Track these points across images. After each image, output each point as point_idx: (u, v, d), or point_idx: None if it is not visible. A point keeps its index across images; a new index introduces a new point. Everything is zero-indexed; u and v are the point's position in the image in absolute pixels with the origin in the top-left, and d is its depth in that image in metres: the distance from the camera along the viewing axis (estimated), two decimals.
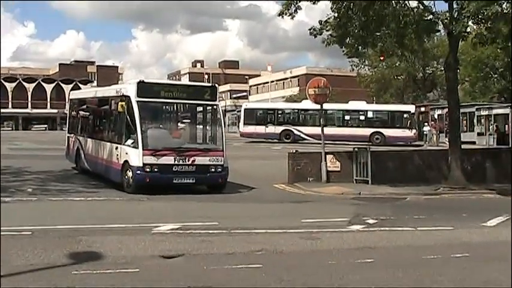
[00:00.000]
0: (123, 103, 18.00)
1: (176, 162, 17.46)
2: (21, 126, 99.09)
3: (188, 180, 17.80)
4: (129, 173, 17.40)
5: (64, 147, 25.46)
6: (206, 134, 19.67)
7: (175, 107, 20.01)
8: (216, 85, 19.87)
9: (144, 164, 17.08)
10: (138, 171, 17.11)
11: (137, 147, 17.22)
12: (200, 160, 17.86)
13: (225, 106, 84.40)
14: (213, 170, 18.06)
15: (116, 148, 18.48)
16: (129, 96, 17.94)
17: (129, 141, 17.73)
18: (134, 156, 17.30)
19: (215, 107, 19.09)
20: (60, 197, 16.30)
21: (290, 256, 9.75)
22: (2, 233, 9.95)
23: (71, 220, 12.18)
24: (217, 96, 19.13)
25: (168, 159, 17.40)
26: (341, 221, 13.37)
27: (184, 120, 20.57)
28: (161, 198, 16.52)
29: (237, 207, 16.28)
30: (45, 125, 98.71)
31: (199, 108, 19.79)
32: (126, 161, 17.66)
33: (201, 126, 19.89)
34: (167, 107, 19.82)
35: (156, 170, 17.18)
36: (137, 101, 17.60)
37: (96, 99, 22.62)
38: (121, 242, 9.94)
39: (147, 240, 10.26)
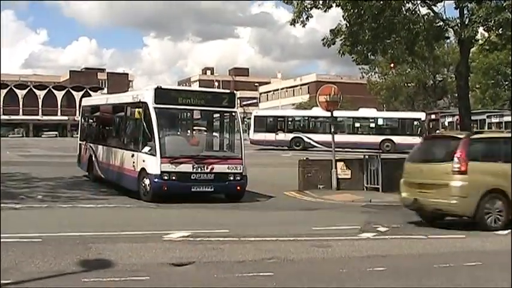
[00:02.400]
0: (140, 110, 17.82)
1: (194, 170, 17.13)
2: (32, 133, 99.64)
3: (207, 189, 17.45)
4: (146, 181, 17.08)
5: (75, 154, 25.40)
6: (224, 141, 19.37)
7: (193, 113, 19.59)
8: (234, 92, 19.70)
9: (162, 172, 16.75)
10: (156, 179, 16.78)
11: (155, 155, 16.91)
12: (219, 168, 17.56)
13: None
14: (231, 178, 17.75)
15: (132, 156, 18.18)
16: (146, 103, 17.68)
17: (146, 149, 17.40)
18: (152, 163, 17.00)
19: (233, 113, 18.81)
20: (70, 204, 16.26)
21: (301, 264, 9.67)
22: (12, 240, 9.98)
23: (81, 227, 12.14)
24: (236, 103, 18.91)
25: (187, 167, 17.09)
26: (352, 229, 13.28)
27: (202, 128, 20.32)
28: (172, 205, 16.43)
29: (247, 215, 16.23)
30: (56, 132, 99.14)
31: (217, 115, 19.49)
32: (143, 169, 17.35)
33: (219, 134, 19.57)
34: (185, 113, 19.56)
35: (174, 178, 16.85)
36: (155, 108, 17.32)
37: (110, 106, 22.42)
38: (131, 250, 9.90)
39: (158, 248, 10.21)
